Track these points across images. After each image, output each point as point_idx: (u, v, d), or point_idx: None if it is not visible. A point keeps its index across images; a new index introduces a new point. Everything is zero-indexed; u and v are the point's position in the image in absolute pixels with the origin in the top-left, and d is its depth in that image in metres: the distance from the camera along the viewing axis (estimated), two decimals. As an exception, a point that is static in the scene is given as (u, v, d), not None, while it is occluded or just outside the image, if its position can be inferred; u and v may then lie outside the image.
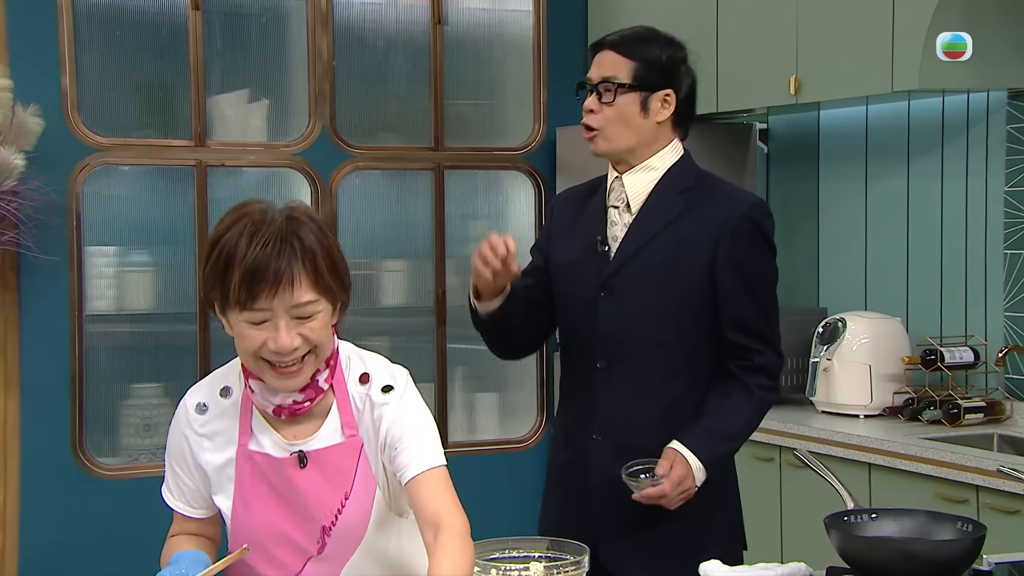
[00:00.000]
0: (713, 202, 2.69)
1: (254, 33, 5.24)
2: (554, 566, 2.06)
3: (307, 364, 2.07)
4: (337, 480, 2.13)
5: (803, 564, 2.31)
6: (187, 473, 2.20)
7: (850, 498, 2.43)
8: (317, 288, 2.02)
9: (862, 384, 4.33)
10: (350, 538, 2.15)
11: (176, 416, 2.21)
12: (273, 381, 2.07)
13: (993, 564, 2.34)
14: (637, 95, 2.67)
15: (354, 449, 2.14)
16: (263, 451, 2.14)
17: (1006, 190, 4.26)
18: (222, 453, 2.15)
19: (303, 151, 5.20)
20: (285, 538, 2.14)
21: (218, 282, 2.02)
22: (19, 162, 4.52)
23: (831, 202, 5.01)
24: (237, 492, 2.14)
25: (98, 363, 4.99)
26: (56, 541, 4.82)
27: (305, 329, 2.03)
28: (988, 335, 4.33)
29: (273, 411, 2.13)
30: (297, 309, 2.01)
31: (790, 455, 4.07)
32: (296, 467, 2.13)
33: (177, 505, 2.24)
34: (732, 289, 2.65)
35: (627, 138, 2.68)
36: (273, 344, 2.01)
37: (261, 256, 1.97)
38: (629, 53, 2.69)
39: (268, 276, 1.97)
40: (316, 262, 2.01)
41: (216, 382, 2.21)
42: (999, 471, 3.29)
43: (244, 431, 2.14)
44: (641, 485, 2.56)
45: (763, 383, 2.69)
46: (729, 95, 4.81)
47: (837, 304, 4.85)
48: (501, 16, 5.62)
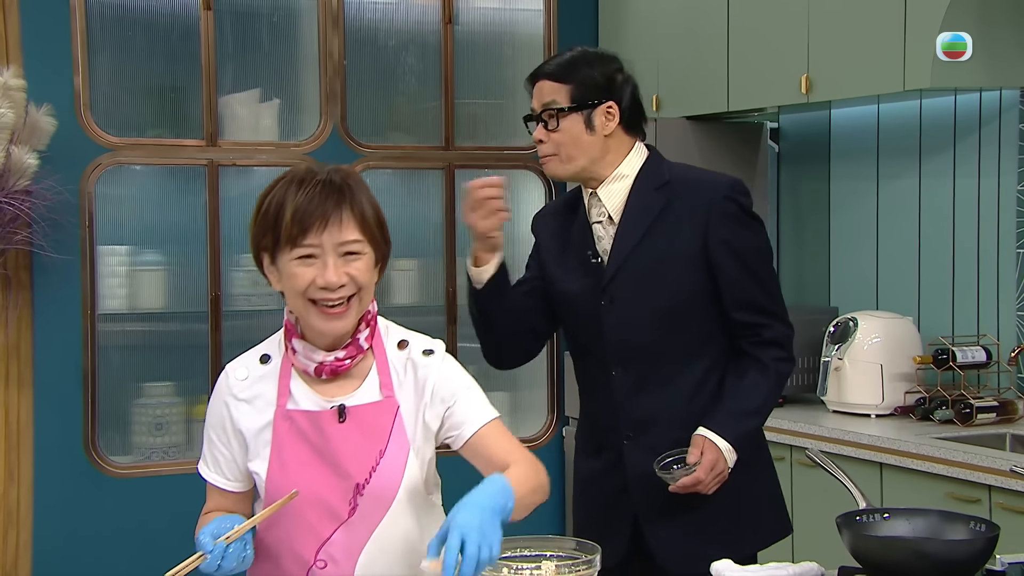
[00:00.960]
0: (692, 191, 2.75)
1: (265, 33, 5.26)
2: (565, 565, 2.07)
3: (352, 308, 2.16)
4: (373, 437, 2.19)
5: (815, 564, 2.31)
6: (225, 442, 2.24)
7: (862, 498, 2.43)
8: (362, 231, 2.15)
9: (873, 384, 4.33)
10: (381, 499, 2.19)
11: (217, 386, 2.28)
12: (319, 323, 2.15)
13: (1006, 564, 2.34)
14: (579, 115, 2.74)
15: (390, 410, 2.21)
16: (301, 408, 2.20)
17: (1018, 189, 4.26)
18: (260, 416, 2.20)
19: (314, 150, 5.22)
20: (319, 500, 2.17)
21: (270, 227, 2.15)
22: (32, 162, 4.54)
23: (842, 201, 5.02)
24: (274, 453, 2.18)
25: (110, 362, 5.02)
26: (68, 538, 4.85)
27: (351, 268, 2.14)
28: (1000, 334, 4.33)
29: (315, 370, 2.19)
30: (344, 247, 2.13)
31: (801, 455, 4.06)
32: (335, 421, 2.19)
33: (212, 477, 2.26)
34: (730, 272, 2.72)
35: (579, 157, 2.75)
36: (321, 279, 2.12)
37: (312, 195, 2.12)
38: (563, 78, 2.76)
39: (317, 212, 2.11)
40: (362, 208, 2.15)
41: (256, 352, 2.29)
42: (1012, 471, 3.29)
43: (283, 393, 2.20)
44: (675, 476, 2.62)
45: (776, 355, 2.77)
46: (740, 94, 4.81)
47: (848, 303, 4.86)
48: (512, 16, 5.64)
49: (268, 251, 2.18)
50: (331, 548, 2.18)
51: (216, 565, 2.04)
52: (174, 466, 5.04)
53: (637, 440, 2.75)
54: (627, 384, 2.75)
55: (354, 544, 2.19)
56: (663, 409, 2.74)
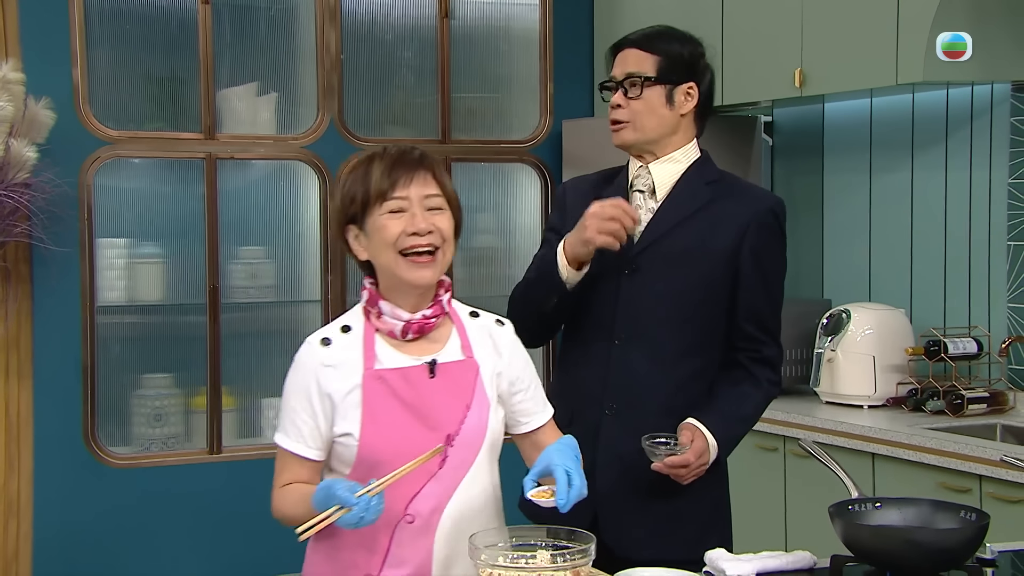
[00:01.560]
0: (738, 196, 2.80)
1: (263, 27, 5.28)
2: (560, 554, 2.10)
3: (437, 260, 2.32)
4: (459, 392, 2.33)
5: (808, 552, 2.34)
6: (308, 410, 2.30)
7: (854, 487, 2.45)
8: (443, 190, 2.33)
9: (866, 375, 4.36)
10: (468, 450, 2.31)
11: (297, 359, 2.34)
12: (408, 272, 2.29)
13: (996, 553, 2.36)
14: (662, 88, 2.76)
15: (472, 369, 2.36)
16: (392, 367, 2.30)
17: (1010, 182, 4.29)
18: (348, 380, 2.29)
19: (311, 144, 5.25)
20: (411, 453, 2.24)
21: (359, 187, 2.32)
22: (31, 155, 4.56)
23: (835, 194, 5.04)
24: (366, 412, 2.27)
25: (109, 353, 5.05)
26: (68, 528, 4.88)
27: (436, 220, 2.31)
28: (991, 326, 4.36)
29: (401, 330, 2.32)
30: (428, 200, 2.31)
31: (795, 445, 4.10)
32: (425, 377, 2.31)
33: (293, 446, 2.32)
34: (751, 281, 2.75)
35: (654, 129, 2.77)
36: (411, 227, 2.28)
37: (395, 157, 2.32)
38: (652, 49, 2.78)
39: (405, 165, 2.30)
40: (439, 173, 2.35)
41: (335, 324, 2.38)
42: (1002, 461, 3.31)
43: (369, 356, 2.31)
44: (661, 454, 2.62)
45: (769, 376, 2.81)
46: (734, 88, 4.84)
47: (841, 295, 4.88)
48: (508, 10, 5.66)
49: (356, 219, 2.33)
50: (419, 503, 2.27)
51: (359, 517, 2.11)
52: (173, 457, 5.08)
53: (619, 415, 2.75)
54: (625, 357, 2.75)
55: (440, 498, 2.29)
56: (653, 392, 2.74)
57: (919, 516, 2.34)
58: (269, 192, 5.36)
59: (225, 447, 5.14)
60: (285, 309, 5.40)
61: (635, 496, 2.73)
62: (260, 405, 5.30)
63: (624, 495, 2.74)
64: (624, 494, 2.74)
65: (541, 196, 5.67)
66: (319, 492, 2.17)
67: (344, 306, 5.26)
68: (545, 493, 2.19)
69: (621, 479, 2.73)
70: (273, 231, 5.34)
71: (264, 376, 5.32)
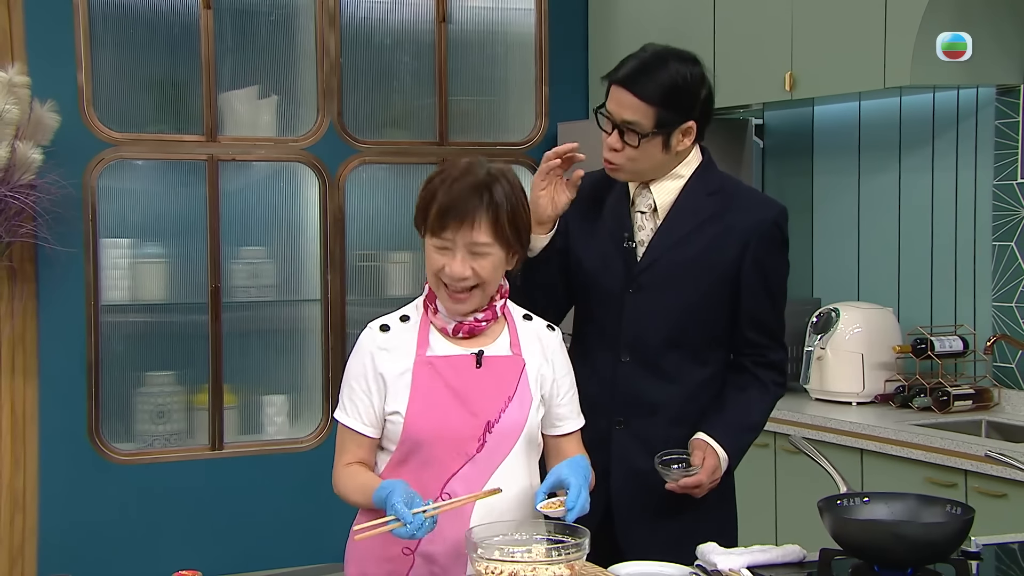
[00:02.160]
0: (743, 206, 2.77)
1: (264, 31, 5.33)
2: (555, 548, 2.15)
3: (473, 296, 2.40)
4: (503, 385, 2.43)
5: (797, 546, 2.38)
6: (365, 389, 2.42)
7: (843, 482, 2.49)
8: (494, 234, 2.37)
9: (855, 372, 4.41)
10: (506, 438, 2.41)
11: (358, 343, 2.47)
12: (444, 302, 2.42)
13: (981, 546, 2.40)
14: (660, 137, 2.68)
15: (518, 365, 2.46)
16: (442, 354, 2.43)
17: (994, 184, 4.33)
18: (400, 363, 2.41)
19: (311, 146, 5.30)
20: (452, 434, 2.37)
21: (422, 212, 2.42)
22: (36, 156, 4.61)
23: (825, 195, 5.07)
24: (414, 393, 2.39)
25: (113, 351, 5.10)
26: (73, 524, 4.93)
27: (477, 265, 2.37)
28: (977, 324, 4.41)
29: (453, 329, 2.44)
30: (473, 246, 2.37)
31: (785, 441, 4.15)
32: (472, 366, 2.42)
33: (350, 422, 2.44)
34: (754, 291, 2.75)
35: (651, 171, 2.73)
36: (448, 269, 2.37)
37: (456, 197, 2.36)
38: (649, 99, 2.64)
39: (455, 214, 2.35)
40: (499, 213, 2.37)
41: (396, 314, 2.51)
42: (987, 456, 3.38)
43: (422, 344, 2.43)
44: (675, 475, 2.63)
45: (776, 379, 2.83)
46: (725, 91, 4.82)
47: (831, 294, 4.92)
48: (504, 14, 5.70)
49: (421, 229, 2.44)
50: (455, 484, 2.36)
51: (411, 534, 2.21)
52: (176, 453, 5.13)
53: (629, 427, 2.74)
54: (633, 372, 2.74)
55: (476, 482, 2.37)
56: (662, 403, 2.73)
57: (906, 510, 2.34)
58: (270, 193, 5.41)
59: (227, 443, 5.19)
60: (285, 308, 5.46)
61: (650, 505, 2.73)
62: (261, 402, 5.36)
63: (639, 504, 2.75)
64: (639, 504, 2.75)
65: (537, 197, 5.71)
66: (381, 491, 2.26)
67: (344, 305, 5.32)
68: (554, 504, 2.28)
69: (634, 490, 2.74)
70: (273, 231, 5.39)
71: (265, 374, 5.38)
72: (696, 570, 2.30)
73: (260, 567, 5.19)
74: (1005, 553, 2.49)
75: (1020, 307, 4.26)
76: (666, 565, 2.32)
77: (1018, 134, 4.25)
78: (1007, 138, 4.29)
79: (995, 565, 2.41)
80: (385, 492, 2.25)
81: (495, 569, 2.11)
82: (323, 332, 5.34)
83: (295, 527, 5.23)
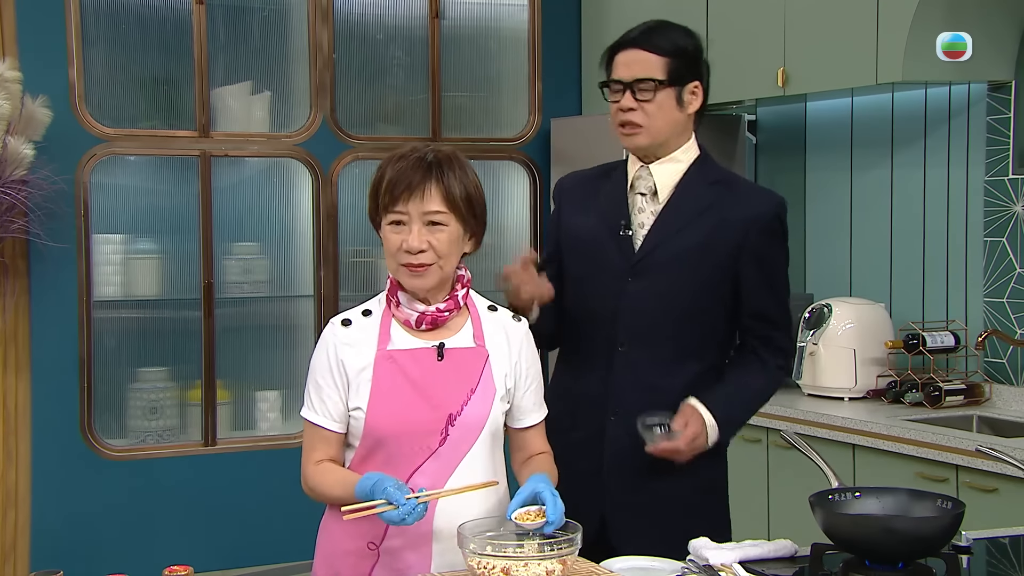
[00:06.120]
0: (742, 197, 2.78)
1: (256, 26, 5.33)
2: (547, 543, 2.16)
3: (432, 272, 2.39)
4: (465, 377, 2.43)
5: (789, 541, 2.40)
6: (330, 384, 2.43)
7: (834, 477, 2.52)
8: (447, 203, 2.37)
9: (847, 368, 4.43)
10: (469, 431, 2.41)
11: (321, 338, 2.48)
12: (406, 280, 2.41)
13: (972, 540, 2.42)
14: (673, 90, 2.73)
15: (481, 357, 2.46)
16: (403, 348, 2.43)
17: (986, 180, 4.34)
18: (362, 358, 2.42)
19: (304, 141, 5.30)
20: (413, 429, 2.38)
21: (373, 195, 2.43)
22: (28, 152, 4.61)
23: (817, 191, 5.09)
24: (375, 388, 2.40)
25: (106, 347, 5.10)
26: (66, 519, 4.93)
27: (433, 238, 2.37)
28: (968, 320, 4.42)
29: (416, 320, 2.43)
30: (428, 216, 2.37)
31: (777, 436, 4.15)
32: (434, 359, 2.42)
33: (319, 419, 2.44)
34: (753, 282, 2.75)
35: (667, 131, 2.74)
36: (405, 244, 2.37)
37: (404, 168, 2.39)
38: (659, 50, 2.73)
39: (404, 182, 2.37)
40: (448, 182, 2.38)
41: (358, 308, 2.51)
42: (978, 451, 3.37)
43: (383, 338, 2.43)
44: (656, 438, 2.62)
45: (779, 362, 2.82)
46: (718, 87, 4.72)
47: (823, 290, 4.94)
48: (497, 10, 5.70)
49: (375, 218, 2.45)
50: (420, 478, 2.37)
51: (401, 518, 2.22)
52: (168, 449, 5.13)
53: (623, 419, 2.72)
54: (629, 362, 2.74)
55: (439, 477, 2.38)
56: (657, 394, 2.71)
57: (897, 505, 2.35)
58: (263, 189, 5.41)
59: (220, 439, 5.19)
60: (278, 304, 5.46)
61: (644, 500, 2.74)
62: (254, 398, 5.36)
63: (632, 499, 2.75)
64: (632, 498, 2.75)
65: (530, 193, 5.72)
66: (365, 481, 2.28)
67: (337, 301, 5.32)
68: (528, 515, 2.26)
69: (629, 483, 2.74)
70: (267, 227, 5.39)
71: (258, 370, 5.38)
72: (688, 565, 2.31)
73: (252, 563, 5.19)
74: (996, 547, 2.50)
75: (1011, 303, 4.28)
76: (658, 560, 2.34)
77: (1009, 130, 4.26)
78: (999, 134, 4.30)
79: (986, 559, 2.43)
80: (371, 481, 2.26)
81: (488, 564, 2.13)
82: (316, 328, 5.33)
83: (288, 523, 5.22)
